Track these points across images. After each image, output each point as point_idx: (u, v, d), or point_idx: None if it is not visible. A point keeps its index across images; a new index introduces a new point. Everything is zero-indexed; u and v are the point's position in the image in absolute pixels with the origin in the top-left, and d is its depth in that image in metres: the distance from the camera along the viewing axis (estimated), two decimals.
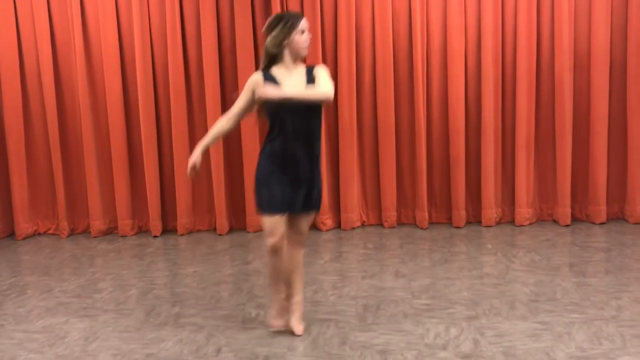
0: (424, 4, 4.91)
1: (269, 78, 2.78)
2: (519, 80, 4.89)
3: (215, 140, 2.95)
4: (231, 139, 5.13)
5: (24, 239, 5.21)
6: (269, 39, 2.79)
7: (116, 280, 3.95)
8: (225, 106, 5.07)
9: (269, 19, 2.84)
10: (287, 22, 2.75)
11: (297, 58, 2.83)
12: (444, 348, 2.71)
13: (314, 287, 3.62)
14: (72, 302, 3.52)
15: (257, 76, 2.82)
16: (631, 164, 4.90)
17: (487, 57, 4.87)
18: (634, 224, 4.89)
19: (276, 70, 2.81)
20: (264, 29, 2.83)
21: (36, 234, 5.34)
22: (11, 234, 5.32)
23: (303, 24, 2.78)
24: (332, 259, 4.27)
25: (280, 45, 2.77)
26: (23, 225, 5.23)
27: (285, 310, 2.97)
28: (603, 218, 4.95)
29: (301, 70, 2.84)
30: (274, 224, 2.76)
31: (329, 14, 4.95)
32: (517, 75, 4.90)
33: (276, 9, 4.84)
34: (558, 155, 4.94)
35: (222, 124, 2.91)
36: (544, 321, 2.96)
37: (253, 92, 2.79)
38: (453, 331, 2.88)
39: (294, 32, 2.75)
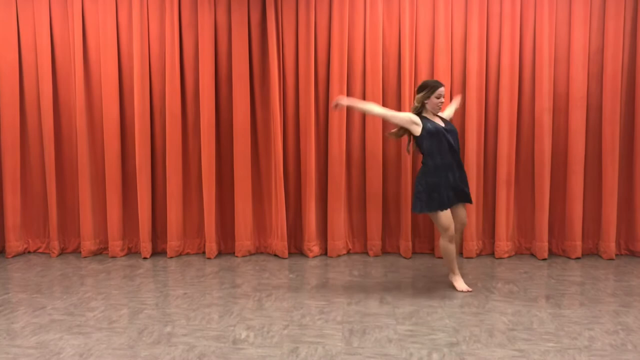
0: (413, 43, 5.15)
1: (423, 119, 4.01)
2: (500, 119, 5.12)
3: (360, 109, 4.12)
4: (223, 166, 5.29)
5: (13, 256, 5.27)
6: (417, 97, 4.02)
7: (107, 299, 4.03)
8: (219, 133, 5.24)
9: (421, 84, 4.06)
10: (430, 88, 3.99)
11: (434, 112, 4.07)
12: None
13: (302, 311, 3.74)
14: (65, 320, 3.60)
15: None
16: (605, 203, 5.12)
17: (471, 96, 5.10)
18: (607, 259, 5.10)
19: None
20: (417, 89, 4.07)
21: (26, 252, 5.41)
22: (1, 251, 5.38)
23: (441, 91, 3.98)
24: (319, 284, 4.40)
25: (422, 103, 4.04)
26: (14, 243, 5.30)
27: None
28: (578, 253, 5.16)
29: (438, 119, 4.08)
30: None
31: (322, 50, 5.16)
32: (499, 115, 5.13)
33: (272, 41, 5.05)
34: (537, 192, 5.16)
35: (377, 111, 4.03)
36: (521, 349, 3.11)
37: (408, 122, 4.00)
38: (435, 356, 3.02)
39: (432, 96, 3.99)
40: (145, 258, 5.21)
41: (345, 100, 4.13)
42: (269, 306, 3.85)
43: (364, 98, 5.18)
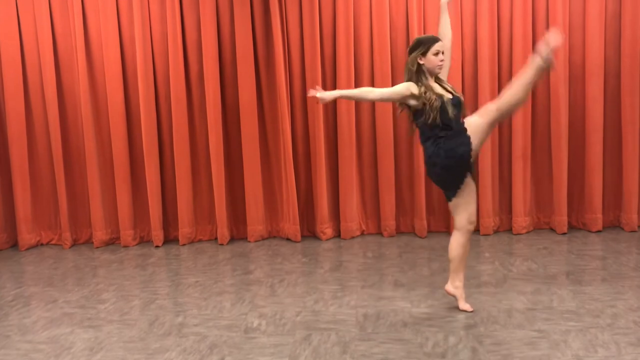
0: (421, 15, 4.98)
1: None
2: None
3: (352, 98, 3.14)
4: (231, 149, 5.21)
5: (27, 249, 5.27)
6: (410, 58, 3.17)
7: (119, 290, 3.99)
8: (226, 116, 5.15)
9: (412, 43, 3.22)
10: (424, 44, 3.15)
11: (435, 74, 3.21)
12: (443, 356, 2.76)
13: (315, 296, 3.67)
14: (77, 313, 3.57)
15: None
16: (626, 173, 4.96)
17: (483, 67, 4.93)
18: (629, 231, 4.95)
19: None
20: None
21: (39, 244, 5.39)
22: (14, 245, 5.37)
23: (438, 46, 3.16)
24: (332, 268, 4.32)
25: (417, 64, 3.15)
26: (26, 236, 5.28)
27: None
28: (599, 226, 5.01)
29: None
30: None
31: (327, 25, 5.02)
32: None
33: (275, 19, 4.91)
34: (554, 164, 5.00)
35: (372, 95, 3.12)
36: (541, 329, 3.01)
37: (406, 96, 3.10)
38: (452, 340, 2.93)
39: (429, 53, 3.14)
40: (157, 246, 5.17)
41: (328, 94, 3.05)
42: (282, 292, 3.78)
43: (372, 75, 5.03)
